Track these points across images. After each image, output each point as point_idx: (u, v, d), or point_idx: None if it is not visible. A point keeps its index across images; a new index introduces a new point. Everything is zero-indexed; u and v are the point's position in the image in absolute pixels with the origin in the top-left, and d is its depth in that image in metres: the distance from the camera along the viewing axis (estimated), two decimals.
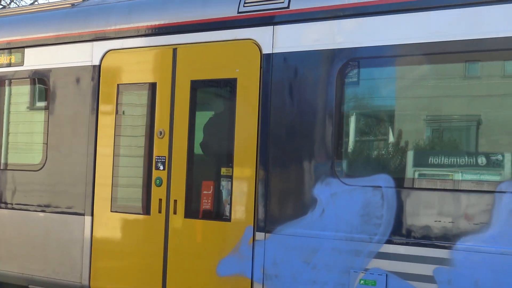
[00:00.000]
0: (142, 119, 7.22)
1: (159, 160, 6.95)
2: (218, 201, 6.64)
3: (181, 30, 6.98)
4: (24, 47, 8.11)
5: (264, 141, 6.35)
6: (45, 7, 8.68)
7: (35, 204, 7.81)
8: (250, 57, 6.51)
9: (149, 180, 7.00)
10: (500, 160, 5.48)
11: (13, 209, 7.99)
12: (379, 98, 6.26)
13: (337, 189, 5.93)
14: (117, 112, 7.31)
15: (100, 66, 7.45)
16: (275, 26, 6.43)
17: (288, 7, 6.39)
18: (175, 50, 6.98)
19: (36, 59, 8.00)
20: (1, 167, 8.23)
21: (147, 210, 6.98)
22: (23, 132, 8.36)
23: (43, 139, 7.84)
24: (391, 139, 6.03)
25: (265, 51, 6.43)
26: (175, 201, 6.80)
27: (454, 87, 5.77)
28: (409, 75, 5.96)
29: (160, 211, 6.88)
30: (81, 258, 7.35)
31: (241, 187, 6.45)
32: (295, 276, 6.08)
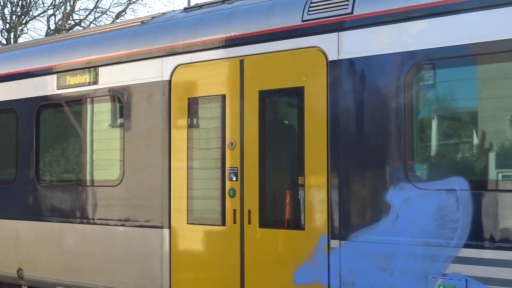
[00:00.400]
0: (213, 131, 7.32)
1: (231, 171, 7.02)
2: (291, 210, 6.64)
3: (247, 41, 7.04)
4: (98, 66, 8.36)
5: (334, 148, 6.32)
6: (117, 26, 8.93)
7: (115, 218, 8.03)
8: (316, 65, 6.50)
9: (222, 191, 7.08)
10: None
11: (94, 224, 8.24)
12: (454, 100, 6.10)
13: (410, 193, 5.84)
14: (189, 125, 7.43)
15: (170, 81, 7.60)
16: (339, 33, 6.39)
17: (352, 12, 6.35)
18: (242, 62, 7.05)
19: (109, 77, 8.23)
20: (83, 184, 8.50)
21: (222, 221, 7.06)
22: (100, 150, 8.61)
23: (120, 155, 8.06)
24: (470, 141, 5.86)
25: (331, 58, 6.40)
26: (249, 211, 6.85)
27: None
28: (490, 74, 5.78)
29: (235, 222, 6.95)
30: (161, 271, 7.50)
31: (314, 195, 6.44)
32: (372, 283, 6.02)
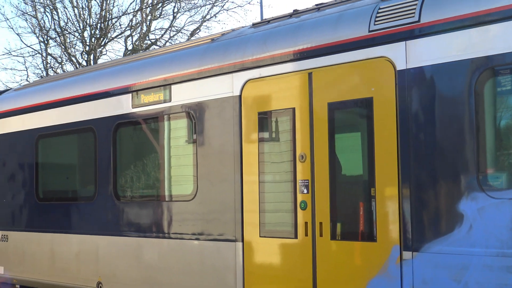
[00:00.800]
0: (283, 144, 7.37)
1: (302, 183, 7.04)
2: (363, 221, 6.60)
3: (314, 54, 7.08)
4: (171, 84, 8.56)
5: (405, 158, 6.26)
6: (187, 44, 9.13)
7: (189, 232, 8.17)
8: (385, 75, 6.47)
9: (294, 204, 7.11)
10: None
11: (170, 238, 8.40)
12: None
13: (484, 203, 5.71)
14: (259, 139, 7.51)
15: (240, 96, 7.71)
16: (407, 41, 6.35)
17: (419, 20, 6.29)
18: (310, 74, 7.08)
19: (181, 94, 8.41)
20: (158, 199, 8.70)
21: (294, 234, 7.08)
22: (174, 165, 8.78)
23: (193, 170, 8.21)
24: None
25: (399, 67, 6.36)
26: (320, 223, 6.85)
27: None
28: None
29: (306, 234, 6.96)
30: (234, 283, 7.58)
31: (385, 207, 6.39)
32: None
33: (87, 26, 32.18)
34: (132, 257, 8.87)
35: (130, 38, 32.59)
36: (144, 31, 32.54)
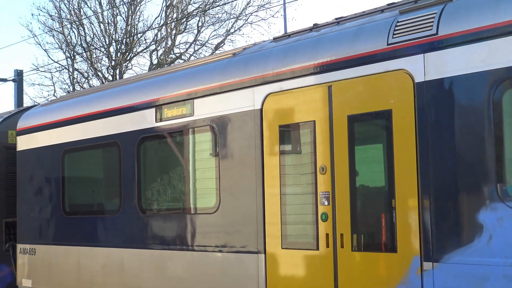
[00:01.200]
0: (304, 157, 7.44)
1: (323, 195, 7.11)
2: (383, 232, 6.65)
3: (334, 67, 7.16)
4: (193, 98, 8.69)
5: (424, 169, 6.31)
6: (209, 59, 9.27)
7: (212, 245, 8.26)
8: (403, 87, 6.53)
9: (315, 216, 7.17)
10: None
11: (193, 250, 8.50)
12: None
13: (503, 213, 5.73)
14: (280, 152, 7.59)
15: (262, 109, 7.81)
16: (425, 54, 6.41)
17: (437, 33, 6.35)
18: (330, 88, 7.16)
19: (204, 108, 8.54)
20: (182, 212, 8.81)
21: (315, 246, 7.14)
22: (197, 179, 8.89)
23: (215, 183, 8.31)
24: None
25: (417, 80, 6.42)
26: (341, 235, 6.91)
27: None
28: None
29: (327, 246, 7.02)
30: None
31: (405, 218, 6.43)
32: None
33: (112, 41, 32.61)
34: (156, 269, 8.98)
35: (155, 53, 32.96)
36: (169, 45, 32.89)
